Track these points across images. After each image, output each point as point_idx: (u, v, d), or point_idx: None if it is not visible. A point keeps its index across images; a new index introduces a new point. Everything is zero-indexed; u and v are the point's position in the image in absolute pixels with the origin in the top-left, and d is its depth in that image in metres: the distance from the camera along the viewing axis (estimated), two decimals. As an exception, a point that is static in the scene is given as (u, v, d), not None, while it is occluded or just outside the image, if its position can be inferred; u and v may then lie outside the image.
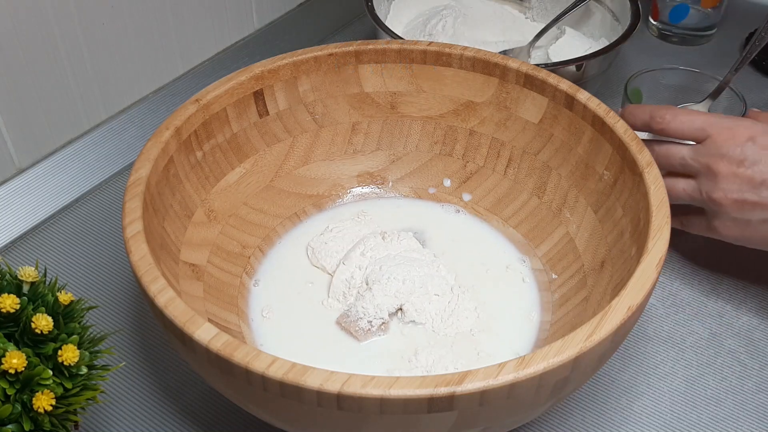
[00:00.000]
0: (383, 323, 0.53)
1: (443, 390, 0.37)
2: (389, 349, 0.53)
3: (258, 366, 0.38)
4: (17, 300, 0.41)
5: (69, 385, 0.41)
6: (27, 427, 0.40)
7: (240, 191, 0.58)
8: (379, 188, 0.64)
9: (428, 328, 0.54)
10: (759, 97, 0.80)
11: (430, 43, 0.60)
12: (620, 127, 0.52)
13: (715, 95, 0.66)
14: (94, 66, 0.66)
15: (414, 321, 0.54)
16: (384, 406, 0.38)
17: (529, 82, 0.58)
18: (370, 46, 0.60)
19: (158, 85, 0.74)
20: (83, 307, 0.45)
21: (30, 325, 0.41)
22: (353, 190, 0.63)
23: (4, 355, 0.39)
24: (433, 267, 0.56)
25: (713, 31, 0.89)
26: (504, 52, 0.77)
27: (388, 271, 0.54)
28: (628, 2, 0.75)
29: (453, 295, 0.55)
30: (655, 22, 0.89)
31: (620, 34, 0.72)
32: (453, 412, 0.38)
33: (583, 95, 0.55)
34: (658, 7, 0.88)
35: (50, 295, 0.43)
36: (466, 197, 0.62)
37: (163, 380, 0.55)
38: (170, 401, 0.54)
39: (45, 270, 0.46)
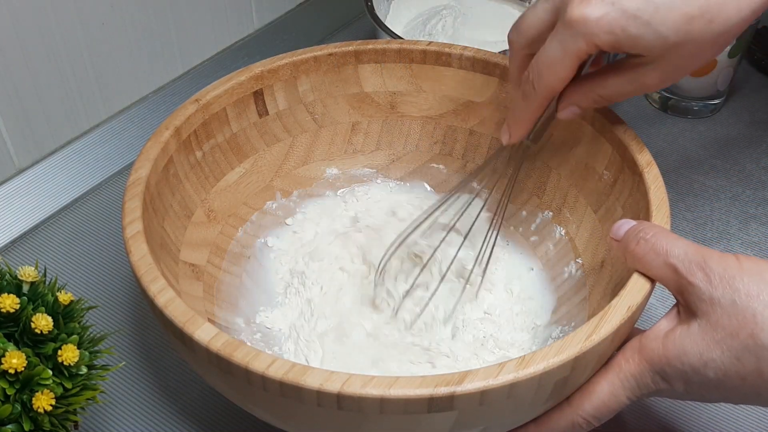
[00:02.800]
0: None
1: (443, 390, 0.37)
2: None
3: (258, 366, 0.38)
4: (17, 300, 0.41)
5: (69, 385, 0.41)
6: (27, 427, 0.40)
7: (240, 191, 0.58)
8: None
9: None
10: (759, 96, 0.80)
11: (430, 42, 0.60)
12: (620, 126, 0.52)
13: None
14: (94, 66, 0.66)
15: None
16: (384, 406, 0.38)
17: (528, 81, 0.58)
18: (370, 46, 0.60)
19: (158, 85, 0.74)
20: (83, 307, 0.45)
21: (30, 325, 0.41)
22: (353, 189, 0.63)
23: (4, 355, 0.39)
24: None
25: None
26: (504, 52, 0.77)
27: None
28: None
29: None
30: None
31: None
32: (453, 412, 0.39)
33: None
34: None
35: (50, 295, 0.43)
36: (466, 197, 0.62)
37: (163, 380, 0.55)
38: (170, 401, 0.54)
39: (45, 270, 0.46)
